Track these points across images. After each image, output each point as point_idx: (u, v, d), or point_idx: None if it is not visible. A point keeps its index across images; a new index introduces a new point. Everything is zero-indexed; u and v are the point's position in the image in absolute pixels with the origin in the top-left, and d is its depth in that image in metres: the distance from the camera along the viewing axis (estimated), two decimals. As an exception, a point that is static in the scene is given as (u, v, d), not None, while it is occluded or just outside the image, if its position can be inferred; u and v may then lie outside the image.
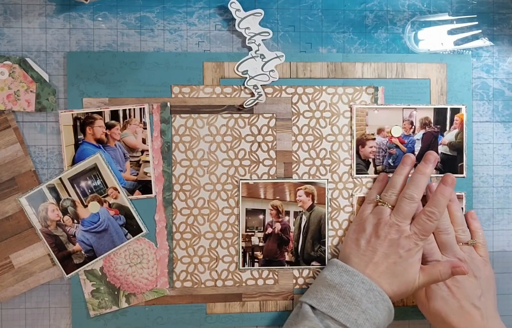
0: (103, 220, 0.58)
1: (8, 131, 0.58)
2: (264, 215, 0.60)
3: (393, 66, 0.62)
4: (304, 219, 0.61)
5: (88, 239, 0.58)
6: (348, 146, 0.62)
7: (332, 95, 0.61)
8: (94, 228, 0.58)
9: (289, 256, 0.61)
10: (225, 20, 0.61)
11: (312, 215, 0.61)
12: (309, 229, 0.61)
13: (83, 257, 0.58)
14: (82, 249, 0.58)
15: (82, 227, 0.58)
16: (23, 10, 0.58)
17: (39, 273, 0.58)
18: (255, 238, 0.60)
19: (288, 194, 0.61)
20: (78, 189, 0.58)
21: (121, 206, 0.58)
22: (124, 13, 0.60)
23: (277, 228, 0.61)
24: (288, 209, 0.61)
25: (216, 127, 0.60)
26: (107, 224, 0.58)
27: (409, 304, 0.63)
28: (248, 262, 0.61)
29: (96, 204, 0.58)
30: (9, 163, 0.58)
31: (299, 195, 0.60)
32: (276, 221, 0.61)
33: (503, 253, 0.65)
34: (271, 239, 0.61)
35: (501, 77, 0.64)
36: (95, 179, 0.57)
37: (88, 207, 0.58)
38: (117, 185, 0.57)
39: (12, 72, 0.57)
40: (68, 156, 0.58)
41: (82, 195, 0.58)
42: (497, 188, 0.65)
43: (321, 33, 0.62)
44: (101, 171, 0.57)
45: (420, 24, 0.63)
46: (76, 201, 0.58)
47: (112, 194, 0.58)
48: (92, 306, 0.59)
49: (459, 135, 0.62)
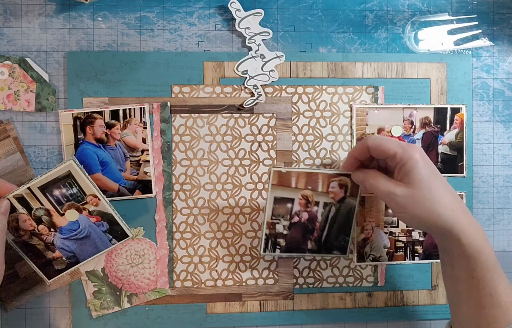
0: (84, 227, 0.55)
1: (8, 140, 0.58)
2: (292, 204, 0.59)
3: (393, 66, 0.62)
4: (333, 211, 0.59)
5: (69, 246, 0.56)
6: (348, 145, 0.62)
7: (332, 94, 0.61)
8: (74, 236, 0.56)
9: (312, 244, 0.60)
10: (225, 20, 0.61)
11: (342, 207, 0.59)
12: (336, 220, 0.59)
13: (65, 263, 0.57)
14: (63, 256, 0.56)
15: (61, 235, 0.55)
16: (23, 10, 0.58)
17: (44, 282, 0.58)
18: (280, 226, 0.59)
19: (321, 184, 0.58)
20: (51, 198, 0.53)
21: (103, 212, 0.55)
22: (124, 13, 0.60)
23: (303, 218, 0.60)
24: (318, 199, 0.59)
25: (216, 127, 0.60)
26: (88, 231, 0.56)
27: (409, 304, 0.63)
28: (270, 248, 0.60)
29: (74, 212, 0.54)
30: (10, 173, 0.58)
31: (332, 187, 0.58)
32: (304, 210, 0.59)
33: (503, 253, 0.65)
34: (296, 227, 0.59)
35: (501, 77, 0.64)
36: (70, 187, 0.53)
37: (65, 215, 0.54)
38: (96, 192, 0.54)
39: (12, 72, 0.57)
40: (68, 155, 0.58)
41: (57, 203, 0.54)
42: (497, 188, 0.65)
43: (321, 33, 0.62)
44: (76, 179, 0.53)
45: (420, 24, 0.63)
46: (50, 210, 0.54)
47: (92, 201, 0.54)
48: (94, 307, 0.59)
49: (459, 135, 0.62)
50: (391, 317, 0.63)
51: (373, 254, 0.62)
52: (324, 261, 0.62)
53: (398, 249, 0.62)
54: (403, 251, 0.62)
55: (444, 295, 0.63)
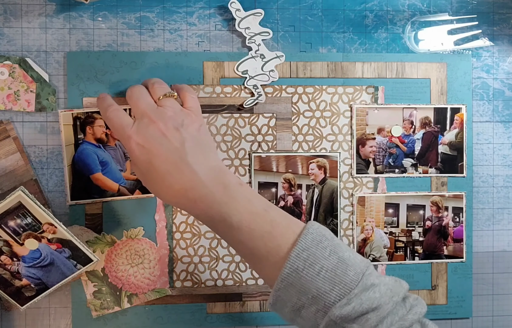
0: (46, 255, 0.53)
1: (8, 141, 0.58)
2: (276, 188, 0.61)
3: (393, 66, 0.62)
4: (316, 192, 0.61)
5: (35, 273, 0.54)
6: (348, 145, 0.62)
7: (332, 94, 0.61)
8: (38, 263, 0.54)
9: None
10: (225, 20, 0.61)
11: (324, 188, 0.61)
12: (321, 202, 0.61)
13: (34, 290, 0.55)
14: (31, 283, 0.54)
15: (24, 263, 0.53)
16: (23, 10, 0.58)
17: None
18: None
19: (300, 167, 0.61)
20: (7, 229, 0.51)
21: (63, 239, 0.53)
22: (124, 13, 0.60)
23: (289, 201, 0.61)
24: (301, 182, 0.61)
25: (216, 127, 0.60)
26: (51, 259, 0.54)
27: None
28: None
29: (33, 241, 0.52)
30: (10, 173, 0.58)
31: (311, 168, 0.61)
32: (289, 194, 0.61)
33: (503, 253, 0.65)
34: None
35: (501, 77, 0.64)
36: (24, 217, 0.50)
37: (25, 245, 0.52)
38: (51, 220, 0.51)
39: (12, 72, 0.57)
40: (68, 155, 0.58)
41: (14, 234, 0.51)
42: (497, 188, 0.65)
43: (321, 33, 0.62)
44: (28, 209, 0.50)
45: (420, 24, 0.63)
46: (9, 241, 0.51)
47: (49, 229, 0.52)
48: (94, 307, 0.59)
49: (459, 135, 0.62)
50: (391, 317, 0.63)
51: (373, 254, 0.62)
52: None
53: (398, 249, 0.62)
54: (403, 251, 0.62)
55: (444, 294, 0.63)
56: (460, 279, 0.63)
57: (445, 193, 0.62)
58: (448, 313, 0.63)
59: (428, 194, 0.62)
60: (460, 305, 0.63)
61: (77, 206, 0.59)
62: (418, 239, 0.62)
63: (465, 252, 0.63)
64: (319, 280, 0.42)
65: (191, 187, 0.46)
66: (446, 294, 0.63)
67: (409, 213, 0.62)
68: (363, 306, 0.41)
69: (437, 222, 0.62)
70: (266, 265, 0.45)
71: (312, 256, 0.42)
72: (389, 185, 0.62)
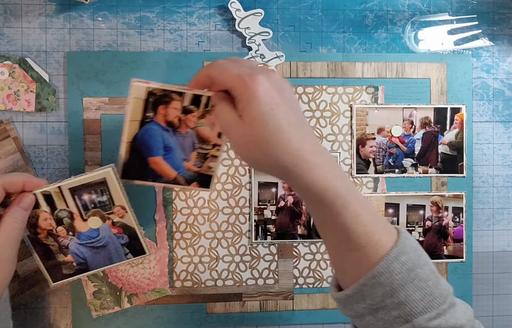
0: (103, 236, 0.53)
1: (8, 140, 0.58)
2: (276, 188, 0.61)
3: (393, 66, 0.62)
4: None
5: (83, 252, 0.53)
6: (348, 145, 0.62)
7: (332, 94, 0.61)
8: (91, 243, 0.53)
9: (302, 229, 0.61)
10: (225, 20, 0.61)
11: None
12: None
13: (74, 269, 0.54)
14: (74, 261, 0.54)
15: (78, 240, 0.53)
16: (23, 10, 0.58)
17: (44, 282, 0.58)
18: (268, 211, 0.60)
19: None
20: (79, 202, 0.51)
21: (126, 225, 0.53)
22: (124, 13, 0.60)
23: (289, 202, 0.61)
24: None
25: (216, 127, 0.60)
26: (106, 241, 0.54)
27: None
28: (261, 235, 0.61)
29: (97, 219, 0.52)
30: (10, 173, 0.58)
31: None
32: (289, 194, 0.61)
33: (503, 253, 0.65)
34: (284, 212, 0.61)
35: (501, 77, 0.64)
36: (101, 194, 0.51)
37: (88, 222, 0.52)
38: (125, 205, 0.52)
39: (12, 72, 0.57)
40: (130, 131, 0.50)
41: (83, 208, 0.51)
42: (497, 188, 0.65)
43: (321, 33, 0.62)
44: (109, 187, 0.50)
45: (420, 24, 0.63)
46: (74, 213, 0.51)
47: (118, 212, 0.52)
48: (94, 307, 0.59)
49: (459, 135, 0.62)
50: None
51: (373, 254, 0.62)
52: (324, 261, 0.62)
53: (398, 249, 0.62)
54: (403, 251, 0.62)
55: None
56: (460, 279, 0.63)
57: (445, 193, 0.62)
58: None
59: (428, 194, 0.62)
60: (460, 305, 0.63)
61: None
62: (418, 239, 0.62)
63: (465, 252, 0.63)
64: (411, 287, 0.40)
65: (313, 150, 0.42)
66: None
67: (409, 213, 0.62)
68: (448, 324, 0.40)
69: (437, 222, 0.62)
70: (357, 255, 0.41)
71: (410, 261, 0.40)
72: (389, 185, 0.62)
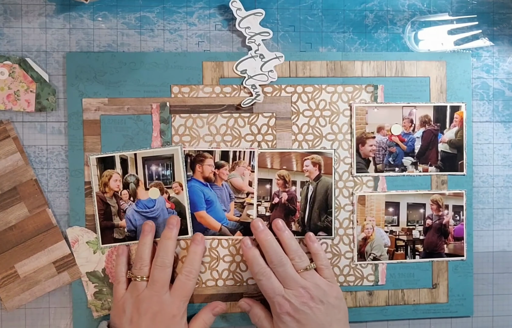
0: (157, 208, 0.59)
1: (8, 141, 0.58)
2: (271, 184, 0.61)
3: (393, 64, 0.62)
4: (310, 189, 0.61)
5: (137, 220, 0.59)
6: (348, 144, 0.62)
7: (332, 93, 0.61)
8: (146, 213, 0.59)
9: (296, 226, 0.61)
10: (225, 20, 0.61)
11: (318, 185, 0.61)
12: (315, 199, 0.61)
13: (123, 235, 0.59)
14: (126, 227, 0.59)
15: (136, 207, 0.59)
16: (23, 10, 0.59)
17: (44, 282, 0.58)
18: (262, 208, 0.60)
19: (295, 164, 0.61)
20: (147, 171, 0.58)
21: (179, 202, 0.59)
22: (124, 13, 0.60)
23: (284, 198, 0.61)
24: (295, 179, 0.61)
25: (216, 127, 0.60)
26: (159, 214, 0.59)
27: (410, 302, 0.63)
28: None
29: (157, 190, 0.58)
30: (10, 173, 0.58)
31: (306, 165, 0.61)
32: (283, 191, 0.61)
33: (503, 253, 0.65)
34: (278, 209, 0.61)
35: (501, 77, 0.64)
36: (166, 168, 0.58)
37: (149, 191, 0.58)
38: (183, 182, 0.58)
39: (12, 72, 0.57)
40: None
41: (148, 177, 0.58)
42: (497, 188, 0.65)
43: (321, 33, 0.62)
44: (174, 164, 0.58)
45: (420, 24, 0.63)
46: (140, 181, 0.58)
47: (176, 188, 0.58)
48: (95, 307, 0.59)
49: (459, 133, 0.62)
50: (391, 316, 0.63)
51: (373, 253, 0.62)
52: (324, 261, 0.62)
53: (398, 247, 0.62)
54: (403, 249, 0.62)
55: (445, 293, 0.63)
56: (461, 277, 0.63)
57: (445, 192, 0.62)
58: (449, 311, 0.63)
59: (428, 192, 0.62)
60: (461, 304, 0.63)
61: (77, 207, 0.59)
62: (418, 237, 0.62)
63: (466, 250, 0.63)
64: None
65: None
66: (447, 293, 0.63)
67: (410, 211, 0.62)
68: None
69: (438, 220, 0.62)
70: None
71: None
72: (389, 183, 0.62)
